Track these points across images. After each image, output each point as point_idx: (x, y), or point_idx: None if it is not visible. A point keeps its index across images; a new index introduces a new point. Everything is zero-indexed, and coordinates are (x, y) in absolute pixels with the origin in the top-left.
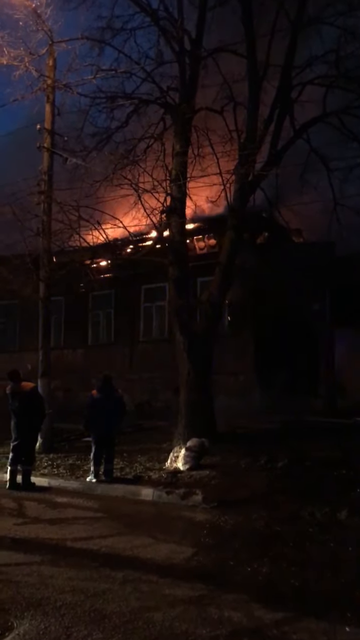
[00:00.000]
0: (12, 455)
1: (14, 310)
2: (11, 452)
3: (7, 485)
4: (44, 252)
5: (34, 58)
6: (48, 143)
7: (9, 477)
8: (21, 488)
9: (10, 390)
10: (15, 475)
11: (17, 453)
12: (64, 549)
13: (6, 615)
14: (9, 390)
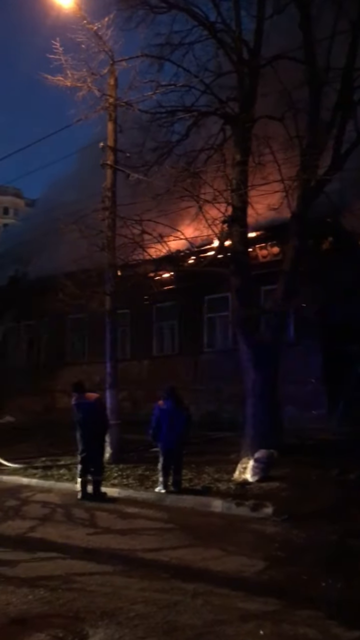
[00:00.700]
0: (82, 467)
1: (82, 324)
2: (80, 463)
3: (79, 495)
4: (109, 267)
5: (96, 78)
6: (111, 160)
7: (80, 488)
8: (92, 498)
9: (75, 401)
10: (86, 486)
11: (86, 464)
12: (135, 559)
13: (81, 624)
14: (74, 402)
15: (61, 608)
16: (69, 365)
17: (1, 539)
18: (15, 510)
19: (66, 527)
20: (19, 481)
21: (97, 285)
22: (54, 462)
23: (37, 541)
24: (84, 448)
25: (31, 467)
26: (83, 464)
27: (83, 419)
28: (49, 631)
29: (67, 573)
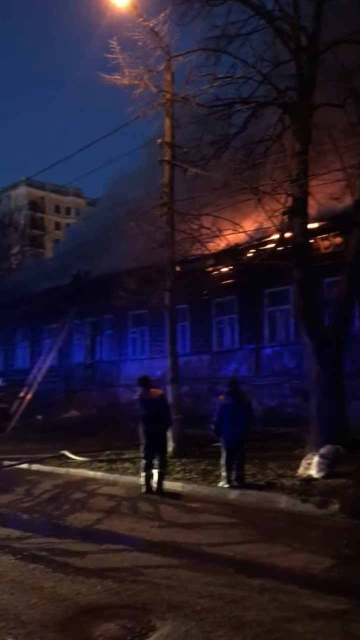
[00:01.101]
0: (145, 462)
1: (143, 320)
2: (143, 458)
3: (143, 489)
4: (168, 262)
5: (153, 75)
6: (169, 156)
7: (143, 482)
8: (156, 493)
9: (139, 396)
10: (149, 480)
11: (149, 459)
12: (199, 553)
13: (149, 616)
14: (138, 396)
15: (129, 599)
16: (130, 361)
17: (70, 531)
18: (82, 503)
19: (131, 520)
20: (85, 474)
21: (156, 281)
22: (118, 455)
23: (104, 533)
24: (147, 443)
25: (96, 461)
26: (146, 458)
27: (146, 414)
28: (118, 621)
29: (133, 565)
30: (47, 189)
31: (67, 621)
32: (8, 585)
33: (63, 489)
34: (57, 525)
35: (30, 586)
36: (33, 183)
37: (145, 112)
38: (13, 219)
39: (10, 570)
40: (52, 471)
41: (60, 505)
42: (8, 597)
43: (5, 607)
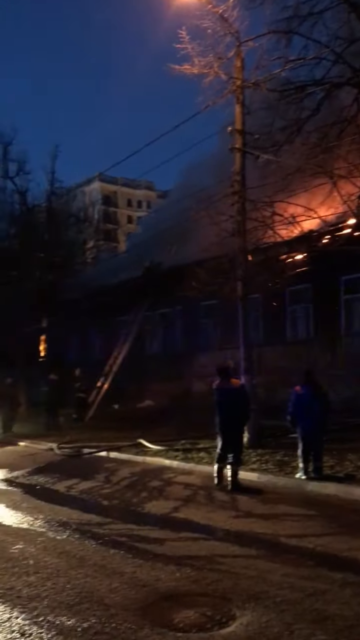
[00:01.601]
0: (219, 453)
1: (214, 310)
2: (218, 449)
3: (215, 481)
4: (239, 252)
5: (223, 62)
6: (239, 143)
7: (216, 474)
8: (229, 488)
9: (218, 385)
10: (222, 473)
11: (224, 451)
12: (277, 544)
13: (228, 605)
14: (216, 386)
15: (207, 587)
16: (203, 351)
17: (148, 518)
18: (159, 491)
19: (208, 509)
20: (161, 463)
21: (228, 271)
22: (193, 445)
23: (181, 521)
24: (221, 435)
25: (172, 450)
26: (221, 450)
27: (222, 404)
28: (197, 609)
29: (211, 554)
30: (119, 183)
31: (148, 606)
32: (91, 569)
33: (140, 476)
34: (135, 512)
35: (112, 570)
36: (105, 178)
37: (215, 100)
38: (87, 214)
39: (92, 554)
40: (129, 459)
41: (138, 492)
42: (91, 580)
43: (89, 590)
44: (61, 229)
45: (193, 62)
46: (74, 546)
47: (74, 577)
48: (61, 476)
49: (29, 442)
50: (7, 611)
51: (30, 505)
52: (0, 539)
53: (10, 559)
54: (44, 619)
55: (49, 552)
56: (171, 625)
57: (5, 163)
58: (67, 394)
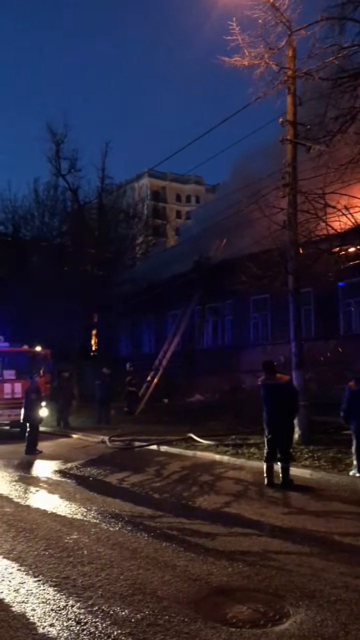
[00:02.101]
0: (267, 451)
1: (265, 304)
2: (266, 447)
3: (265, 481)
4: (291, 245)
5: (274, 53)
6: (291, 135)
7: (266, 473)
8: (280, 486)
9: (264, 381)
10: (271, 471)
11: (273, 448)
12: (332, 542)
13: (282, 602)
14: (262, 382)
15: (260, 584)
16: (253, 346)
17: (199, 512)
18: (210, 486)
19: (260, 505)
20: (212, 457)
21: (279, 264)
22: (243, 440)
23: (233, 516)
24: (269, 432)
25: (222, 444)
26: (269, 447)
27: (269, 400)
28: (250, 605)
29: (263, 550)
30: (168, 178)
31: (200, 600)
32: (144, 561)
33: (191, 471)
34: (186, 506)
35: (164, 563)
36: (155, 174)
37: (266, 91)
38: (137, 210)
39: (145, 546)
40: (180, 453)
41: (189, 486)
42: (144, 572)
43: (142, 582)
44: (111, 225)
45: (243, 53)
46: (126, 538)
47: (127, 569)
48: (113, 468)
49: (82, 434)
50: (62, 599)
51: (84, 497)
52: (56, 528)
53: (65, 549)
54: (99, 608)
55: (102, 543)
56: (224, 620)
57: (57, 161)
58: (118, 388)
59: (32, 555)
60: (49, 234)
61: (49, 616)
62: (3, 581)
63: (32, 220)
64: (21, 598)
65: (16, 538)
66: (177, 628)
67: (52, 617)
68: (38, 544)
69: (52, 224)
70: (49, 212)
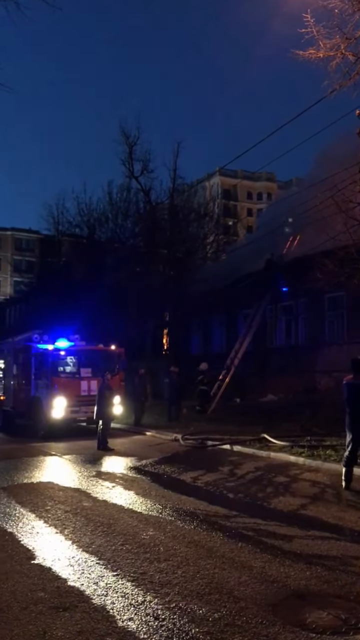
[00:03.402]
0: (348, 455)
1: (341, 302)
2: (347, 450)
3: (343, 485)
4: None
5: (351, 43)
6: None
7: (344, 477)
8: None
9: (350, 381)
10: (351, 475)
11: (354, 453)
12: None
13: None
14: (348, 381)
15: (340, 589)
16: (328, 345)
17: (274, 513)
18: (285, 487)
19: (337, 508)
20: (286, 458)
21: (356, 261)
22: (319, 442)
23: (309, 519)
24: (353, 435)
25: (297, 446)
26: (351, 453)
27: (354, 403)
28: (330, 610)
29: (342, 555)
30: (239, 176)
31: (279, 603)
32: (219, 560)
33: (265, 471)
34: (261, 507)
35: (240, 564)
36: (226, 172)
37: (342, 83)
38: (208, 209)
39: (220, 546)
40: (253, 453)
41: (264, 487)
42: (220, 572)
43: (218, 581)
44: (183, 224)
45: (318, 45)
46: (202, 536)
47: (203, 567)
48: (186, 467)
49: (155, 432)
50: (140, 594)
51: (159, 494)
52: (133, 524)
53: (142, 545)
54: (176, 605)
55: (178, 541)
56: (303, 624)
57: (130, 163)
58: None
59: (110, 550)
60: (122, 235)
61: (127, 610)
62: (83, 574)
63: (107, 222)
64: (101, 591)
65: (95, 532)
66: (255, 630)
67: (131, 611)
68: (116, 538)
69: (126, 226)
70: (122, 214)
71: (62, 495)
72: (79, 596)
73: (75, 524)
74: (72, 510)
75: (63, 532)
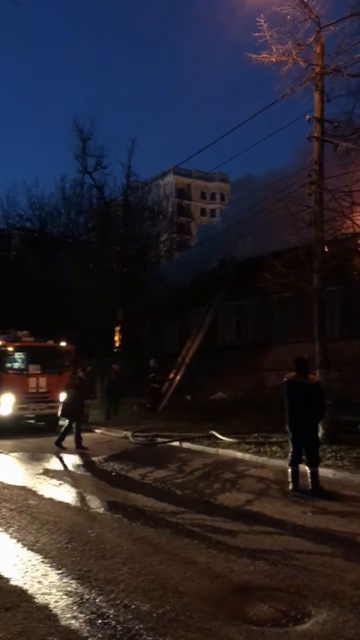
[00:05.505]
0: (293, 454)
1: (289, 303)
2: (291, 449)
3: (290, 487)
4: (316, 243)
5: (302, 49)
6: (318, 132)
7: (291, 478)
8: (309, 493)
9: (292, 379)
10: (297, 476)
11: (298, 451)
12: (355, 543)
13: (304, 602)
14: (289, 379)
15: (282, 583)
16: (276, 344)
17: (221, 509)
18: (232, 483)
19: (282, 504)
20: (234, 455)
21: (304, 263)
22: (265, 438)
23: (255, 514)
24: (294, 435)
25: (244, 442)
26: (294, 450)
27: (296, 401)
28: (272, 604)
29: (285, 549)
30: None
31: (222, 597)
32: (165, 556)
33: (213, 468)
34: (208, 503)
35: (186, 560)
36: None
37: (294, 88)
38: (162, 207)
39: (166, 542)
40: (202, 450)
41: (211, 483)
42: (165, 568)
43: (163, 578)
44: (136, 222)
45: (271, 50)
46: (148, 533)
47: (148, 564)
48: (135, 464)
49: (105, 429)
50: (85, 592)
51: (107, 491)
52: (79, 522)
53: (88, 542)
54: (121, 602)
55: (124, 538)
56: (245, 617)
57: (84, 158)
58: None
59: (55, 548)
60: (75, 230)
61: (71, 608)
62: (27, 572)
63: (59, 217)
64: (44, 590)
65: (40, 530)
66: (198, 624)
67: (75, 609)
68: (61, 537)
69: (78, 221)
70: (75, 209)
71: (7, 493)
72: (21, 595)
73: (20, 522)
74: (17, 509)
75: (7, 530)
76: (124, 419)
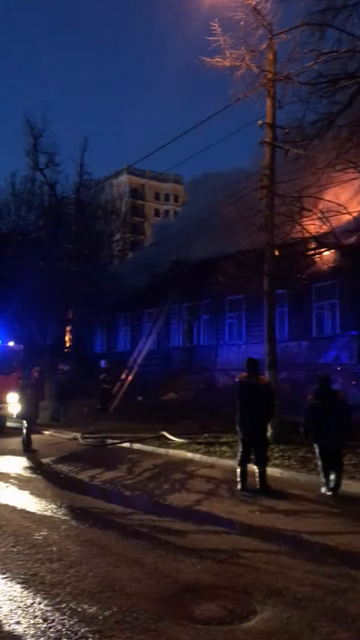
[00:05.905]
0: (242, 453)
1: (240, 305)
2: (241, 449)
3: (239, 486)
4: (267, 246)
5: (255, 55)
6: (269, 137)
7: (239, 478)
8: (256, 492)
9: (244, 379)
10: (245, 476)
11: (247, 451)
12: (300, 541)
13: (249, 599)
14: (241, 380)
15: (229, 581)
16: (227, 346)
17: (170, 509)
18: (181, 483)
19: (230, 503)
20: (184, 455)
21: (255, 266)
22: (215, 438)
23: (203, 514)
24: (243, 435)
25: (194, 443)
26: (243, 452)
27: (247, 401)
28: (218, 602)
29: (232, 548)
30: (147, 176)
31: (169, 597)
32: (113, 558)
33: (163, 468)
34: (157, 504)
35: (133, 561)
36: (134, 171)
37: (246, 93)
38: (115, 207)
39: (114, 544)
40: (152, 451)
41: (161, 484)
42: (113, 569)
43: (111, 579)
44: (89, 221)
45: (225, 54)
46: (96, 535)
47: (96, 566)
48: (85, 465)
49: (54, 431)
50: (30, 596)
51: (54, 493)
52: (25, 525)
53: (34, 545)
54: (66, 605)
55: (72, 540)
56: (192, 617)
57: (35, 155)
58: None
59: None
60: (25, 228)
61: (15, 614)
62: None
63: (8, 213)
64: None
65: None
66: (144, 625)
67: (19, 614)
68: (7, 540)
69: (29, 218)
70: (25, 205)
71: None
72: None
73: None
74: None
75: None
76: (73, 420)
